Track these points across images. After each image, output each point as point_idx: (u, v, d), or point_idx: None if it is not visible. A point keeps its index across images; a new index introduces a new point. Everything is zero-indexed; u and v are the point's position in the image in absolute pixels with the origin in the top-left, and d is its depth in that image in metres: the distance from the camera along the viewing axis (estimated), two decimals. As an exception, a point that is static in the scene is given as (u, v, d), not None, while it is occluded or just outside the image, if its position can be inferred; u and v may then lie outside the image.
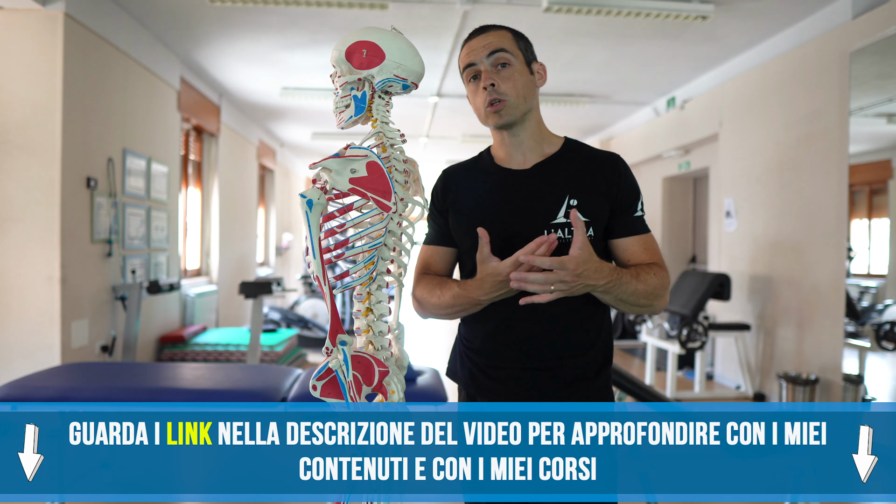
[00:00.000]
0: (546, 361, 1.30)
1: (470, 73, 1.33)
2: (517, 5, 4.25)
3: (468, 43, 1.34)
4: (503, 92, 1.29)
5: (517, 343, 1.30)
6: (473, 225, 1.33)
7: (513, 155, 1.36)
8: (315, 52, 5.29)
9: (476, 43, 1.32)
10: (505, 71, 1.30)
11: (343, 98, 1.24)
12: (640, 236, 1.32)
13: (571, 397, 1.29)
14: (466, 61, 1.33)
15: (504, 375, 1.32)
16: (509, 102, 1.29)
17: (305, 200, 1.11)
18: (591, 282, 1.17)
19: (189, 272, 6.39)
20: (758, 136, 5.04)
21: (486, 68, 1.30)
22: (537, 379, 1.30)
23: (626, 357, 6.90)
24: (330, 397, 1.14)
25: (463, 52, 1.35)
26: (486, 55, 1.30)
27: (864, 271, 4.30)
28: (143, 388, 2.51)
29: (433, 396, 2.52)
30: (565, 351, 1.30)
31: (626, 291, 1.23)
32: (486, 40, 1.31)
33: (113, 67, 4.36)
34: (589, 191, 1.29)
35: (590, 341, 1.32)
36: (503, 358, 1.32)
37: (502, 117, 1.30)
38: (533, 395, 1.30)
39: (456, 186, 1.40)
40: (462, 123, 8.17)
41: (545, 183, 1.31)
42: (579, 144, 1.38)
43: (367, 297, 1.22)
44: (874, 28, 3.79)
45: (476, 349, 1.37)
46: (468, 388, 1.39)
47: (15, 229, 3.72)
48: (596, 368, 1.32)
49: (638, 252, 1.32)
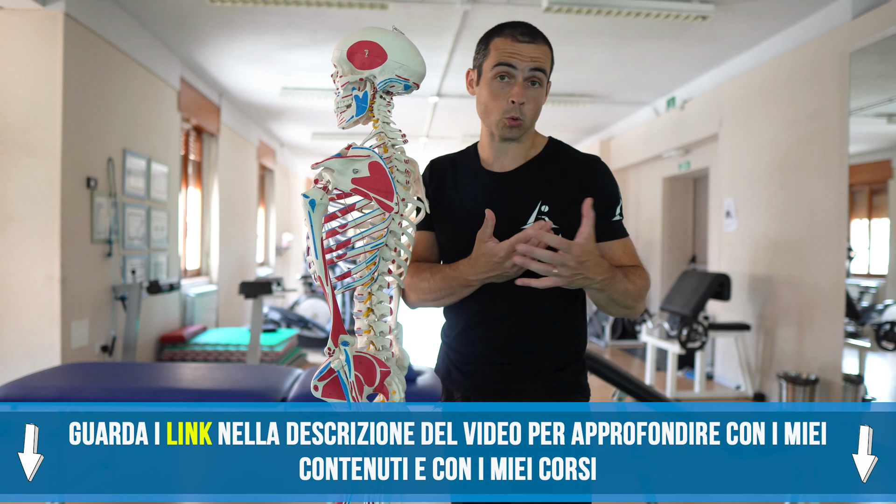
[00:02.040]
0: (513, 356, 1.31)
1: (502, 71, 1.27)
2: (517, 5, 4.25)
3: (514, 42, 1.27)
4: (525, 113, 1.28)
5: (486, 338, 1.32)
6: (451, 223, 1.36)
7: (497, 157, 1.36)
8: (315, 52, 5.29)
9: (525, 49, 1.27)
10: (533, 91, 1.29)
11: (344, 98, 1.23)
12: (620, 240, 1.32)
13: (538, 390, 1.30)
14: (506, 60, 1.27)
15: (472, 370, 1.34)
16: (525, 123, 1.30)
17: (308, 200, 1.11)
18: (590, 274, 1.17)
19: (189, 272, 6.39)
20: (758, 136, 5.05)
21: (522, 81, 1.27)
22: (501, 373, 1.31)
23: (626, 357, 6.90)
24: (332, 398, 1.14)
25: (504, 44, 1.27)
26: (529, 68, 1.27)
27: (864, 271, 4.30)
28: (143, 388, 2.51)
29: (433, 396, 2.52)
30: (534, 348, 1.31)
31: (618, 291, 1.23)
32: (535, 52, 1.27)
33: (113, 67, 4.36)
34: (562, 197, 1.29)
35: (559, 339, 1.33)
36: (471, 353, 1.34)
37: (513, 133, 1.30)
38: (496, 388, 1.31)
39: (440, 180, 1.41)
40: (462, 123, 8.17)
41: (521, 187, 1.32)
42: (561, 147, 1.38)
43: (369, 298, 1.22)
44: (874, 28, 3.79)
45: (451, 344, 1.40)
46: (445, 382, 1.42)
47: (15, 229, 3.72)
48: (562, 363, 1.32)
49: (618, 256, 1.31)
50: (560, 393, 1.31)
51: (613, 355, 7.02)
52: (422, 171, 1.37)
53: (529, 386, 1.30)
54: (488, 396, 1.32)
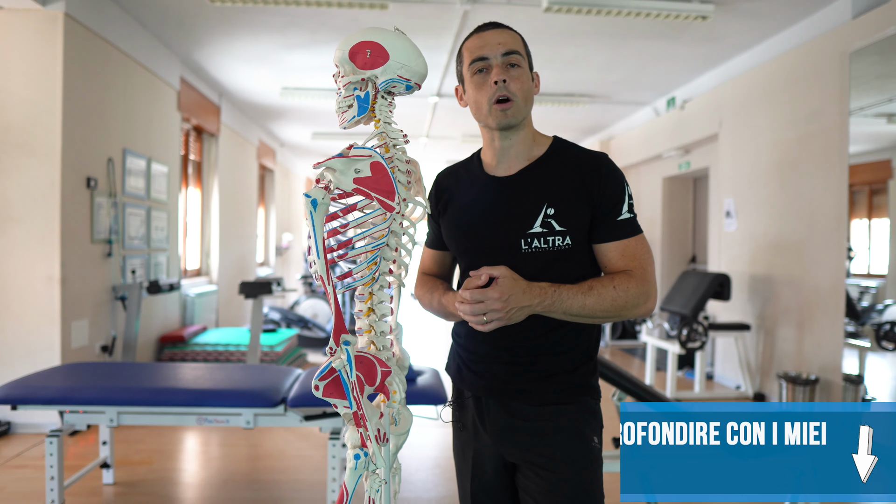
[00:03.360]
0: (525, 357, 1.30)
1: (479, 66, 1.28)
2: (517, 5, 4.25)
3: (479, 35, 1.30)
4: (513, 91, 1.26)
5: (498, 338, 1.31)
6: (459, 232, 1.36)
7: (500, 160, 1.34)
8: (315, 52, 5.29)
9: (491, 38, 1.28)
10: (514, 71, 1.27)
11: (346, 98, 1.23)
12: (620, 242, 1.27)
13: (549, 391, 1.29)
14: (478, 54, 1.28)
15: (483, 369, 1.34)
16: (517, 104, 1.27)
17: (310, 200, 1.11)
18: (522, 304, 1.18)
19: (189, 272, 6.39)
20: (758, 136, 5.05)
21: (499, 64, 1.26)
22: (513, 373, 1.31)
23: (626, 357, 6.91)
24: (332, 398, 1.14)
25: (472, 43, 1.30)
26: (502, 53, 1.27)
27: (864, 271, 4.30)
28: (143, 388, 2.50)
29: (433, 396, 2.52)
30: (546, 349, 1.30)
31: (571, 307, 1.20)
32: (502, 38, 1.28)
33: (113, 67, 4.36)
34: (567, 197, 1.26)
35: (569, 341, 1.32)
36: (481, 353, 1.34)
37: (508, 117, 1.27)
38: (508, 388, 1.31)
39: (446, 192, 1.40)
40: (462, 123, 8.17)
41: (525, 191, 1.29)
42: (566, 146, 1.35)
43: (370, 298, 1.22)
44: (874, 28, 3.79)
45: (462, 345, 1.40)
46: (456, 381, 1.42)
47: (15, 229, 3.72)
48: (574, 364, 1.31)
49: (614, 259, 1.28)
50: (568, 394, 1.30)
51: (613, 355, 7.02)
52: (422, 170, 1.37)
53: (541, 386, 1.29)
54: (499, 396, 1.32)
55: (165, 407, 2.50)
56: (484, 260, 1.28)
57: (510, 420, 1.30)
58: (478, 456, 1.36)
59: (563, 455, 1.27)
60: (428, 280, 1.45)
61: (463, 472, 1.40)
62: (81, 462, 3.27)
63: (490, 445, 1.33)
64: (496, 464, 1.34)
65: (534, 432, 1.29)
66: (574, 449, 1.28)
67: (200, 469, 3.36)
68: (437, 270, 1.48)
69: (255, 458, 3.49)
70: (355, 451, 1.18)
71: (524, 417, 1.29)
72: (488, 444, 1.34)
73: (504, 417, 1.31)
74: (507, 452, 1.32)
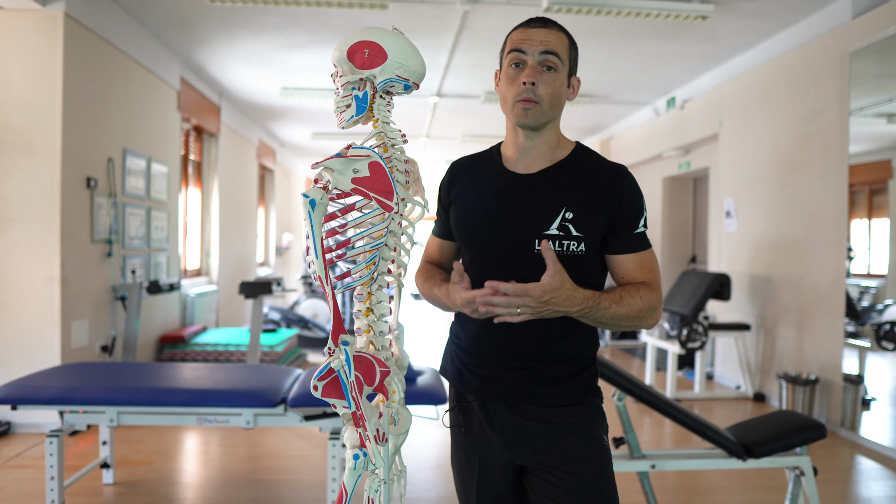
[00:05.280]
0: (531, 362, 1.29)
1: (514, 58, 1.27)
2: (517, 5, 4.25)
3: (526, 28, 1.28)
4: (539, 95, 1.25)
5: (501, 344, 1.30)
6: (470, 224, 1.34)
7: (521, 157, 1.33)
8: (315, 52, 5.29)
9: (535, 34, 1.26)
10: (548, 75, 1.26)
11: (344, 98, 1.23)
12: (637, 254, 1.29)
13: (554, 394, 1.29)
14: (517, 45, 1.27)
15: (487, 373, 1.32)
16: (541, 107, 1.26)
17: (308, 200, 1.11)
18: (561, 308, 1.16)
19: (189, 272, 6.39)
20: (758, 136, 5.05)
21: (533, 64, 1.25)
22: (520, 377, 1.30)
23: (626, 357, 6.90)
24: (331, 398, 1.14)
25: (516, 35, 1.29)
26: (540, 51, 1.25)
27: (864, 271, 4.30)
28: (143, 388, 2.50)
29: (433, 396, 2.52)
30: (552, 354, 1.29)
31: (604, 316, 1.21)
32: (546, 36, 1.26)
33: (113, 67, 4.36)
34: (587, 204, 1.26)
35: (577, 345, 1.31)
36: (487, 357, 1.32)
37: (528, 118, 1.26)
38: (513, 392, 1.30)
39: (461, 181, 1.39)
40: (462, 123, 8.17)
41: (544, 192, 1.29)
42: (588, 153, 1.34)
43: (368, 297, 1.22)
44: (874, 28, 3.79)
45: (464, 347, 1.37)
46: (455, 384, 1.40)
47: (15, 229, 3.72)
48: (578, 368, 1.31)
49: (632, 270, 1.29)
50: (575, 396, 1.30)
51: (613, 355, 7.02)
52: (421, 170, 1.36)
53: (546, 390, 1.29)
54: (504, 399, 1.31)
55: (165, 407, 2.50)
56: (492, 254, 1.28)
57: (520, 422, 1.29)
58: (484, 460, 1.34)
59: (582, 455, 1.26)
60: (429, 268, 1.46)
61: (466, 477, 1.38)
62: (81, 462, 3.27)
63: (498, 449, 1.32)
64: (504, 467, 1.33)
65: (545, 434, 1.28)
66: (592, 448, 1.28)
67: (200, 469, 3.36)
68: (439, 259, 1.48)
69: (255, 458, 3.49)
70: (354, 451, 1.18)
71: (534, 419, 1.29)
72: (496, 448, 1.32)
73: (513, 420, 1.30)
74: (517, 455, 1.31)
